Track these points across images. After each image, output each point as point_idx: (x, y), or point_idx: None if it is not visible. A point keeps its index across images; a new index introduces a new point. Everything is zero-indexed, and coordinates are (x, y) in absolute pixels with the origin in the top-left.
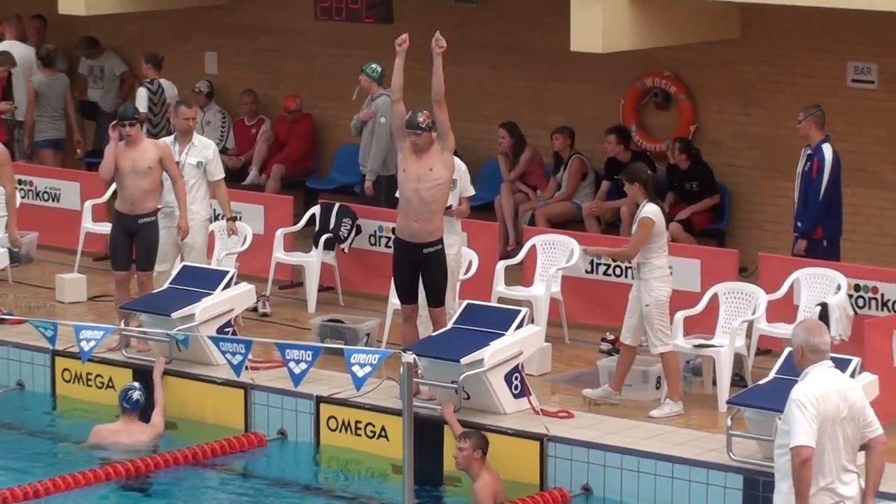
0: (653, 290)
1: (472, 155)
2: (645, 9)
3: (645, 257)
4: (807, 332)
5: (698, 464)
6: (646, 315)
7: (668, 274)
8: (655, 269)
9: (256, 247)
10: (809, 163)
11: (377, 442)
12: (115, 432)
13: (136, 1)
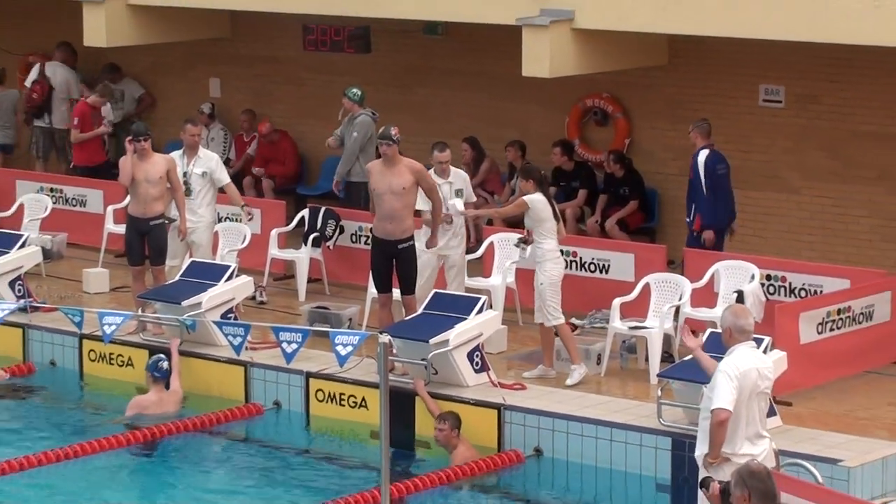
0: (546, 270)
1: None
2: (586, 39)
3: (537, 242)
4: (734, 315)
5: (633, 428)
6: (540, 293)
7: (558, 256)
8: (546, 251)
9: (254, 245)
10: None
11: (358, 411)
12: (152, 402)
13: (150, 34)
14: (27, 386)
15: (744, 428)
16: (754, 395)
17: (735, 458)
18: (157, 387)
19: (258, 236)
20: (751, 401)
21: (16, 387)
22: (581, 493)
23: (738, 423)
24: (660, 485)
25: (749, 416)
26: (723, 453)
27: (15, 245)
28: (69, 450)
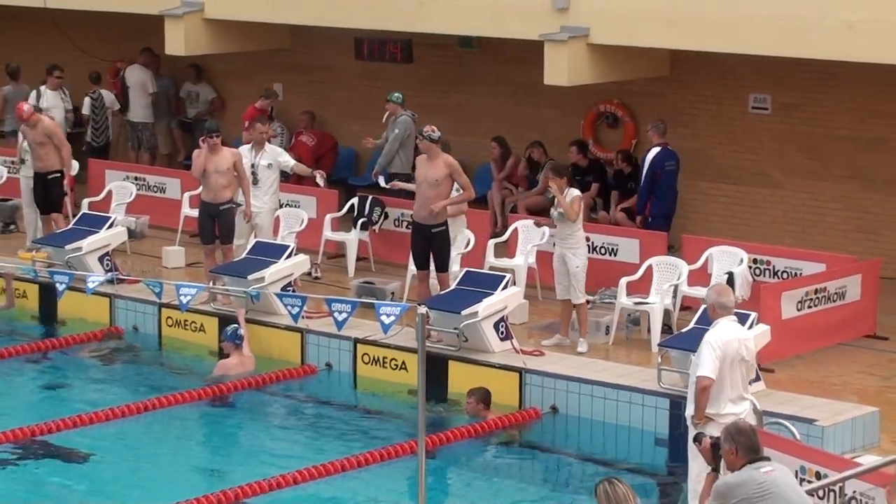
0: (580, 255)
1: (470, 161)
2: (599, 53)
3: (572, 231)
4: (717, 293)
5: (636, 390)
6: (574, 275)
7: (585, 243)
8: (581, 239)
9: (310, 228)
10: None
11: (399, 372)
12: (234, 364)
13: (222, 45)
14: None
15: (728, 391)
16: (736, 362)
17: (719, 417)
18: (237, 352)
19: (314, 220)
20: (733, 367)
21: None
22: (591, 445)
23: (723, 387)
24: (658, 439)
25: (732, 380)
26: (708, 414)
27: (104, 226)
28: (149, 403)
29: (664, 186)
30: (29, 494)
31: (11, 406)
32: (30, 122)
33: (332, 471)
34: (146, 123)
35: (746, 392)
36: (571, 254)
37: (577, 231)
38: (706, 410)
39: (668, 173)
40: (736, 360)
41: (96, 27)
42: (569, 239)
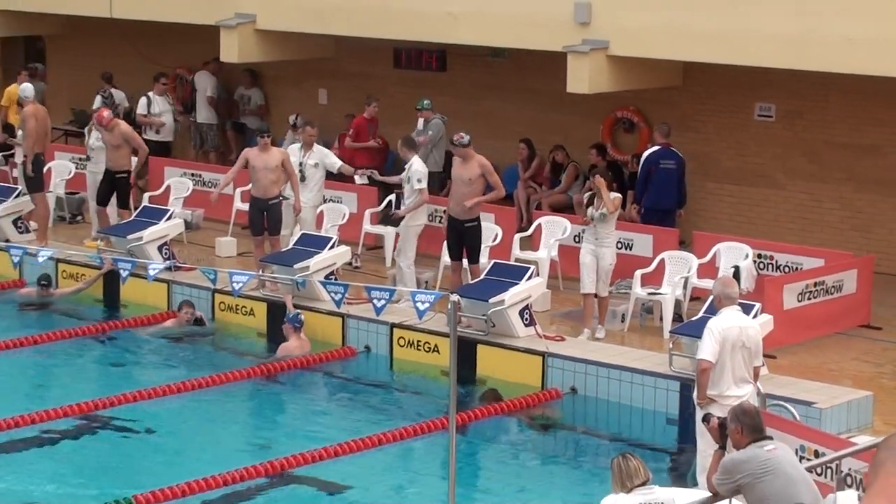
0: (613, 254)
1: (498, 162)
2: (618, 64)
3: (608, 230)
4: (723, 285)
5: (649, 373)
6: (607, 271)
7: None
8: (614, 239)
9: (352, 221)
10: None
11: (431, 355)
12: (295, 346)
13: (272, 53)
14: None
15: (729, 374)
16: (737, 348)
17: (721, 399)
18: (296, 335)
19: (355, 215)
20: (734, 352)
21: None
22: (607, 423)
23: (724, 371)
24: (669, 419)
25: (734, 365)
26: (710, 395)
27: (162, 218)
28: (202, 380)
29: (657, 182)
30: (91, 464)
31: (76, 382)
32: (108, 127)
33: (370, 445)
34: (210, 125)
35: (750, 375)
36: (607, 251)
37: (612, 231)
38: (708, 392)
39: (664, 171)
40: (737, 346)
41: (157, 36)
42: (605, 238)
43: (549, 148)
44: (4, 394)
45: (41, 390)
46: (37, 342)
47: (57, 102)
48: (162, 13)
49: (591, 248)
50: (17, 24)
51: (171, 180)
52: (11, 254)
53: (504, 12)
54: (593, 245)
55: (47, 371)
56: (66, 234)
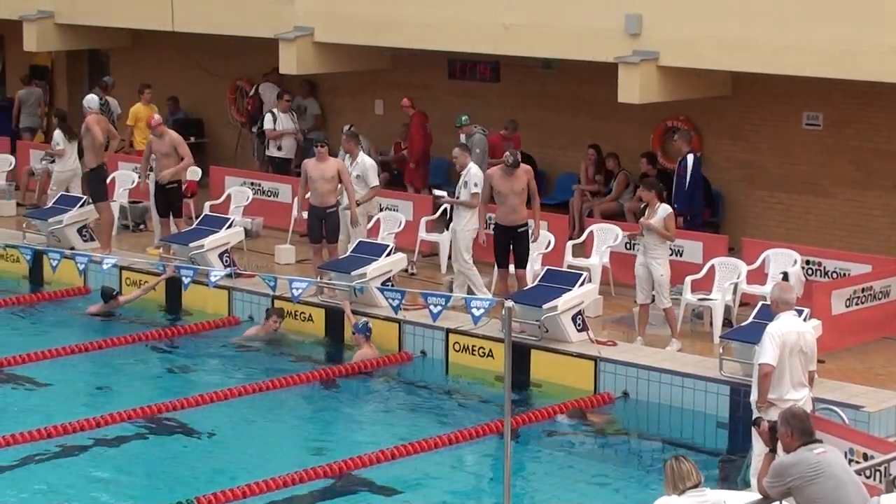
0: (663, 265)
1: (550, 171)
2: (668, 74)
3: (659, 242)
4: (780, 290)
5: (700, 378)
6: (660, 282)
7: (668, 253)
8: (666, 250)
9: (408, 229)
10: (682, 167)
11: (486, 359)
12: (369, 353)
13: (329, 65)
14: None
15: (788, 378)
16: (795, 352)
17: (780, 402)
18: (368, 342)
19: (411, 222)
20: (792, 357)
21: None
22: (658, 426)
23: (783, 375)
24: (720, 422)
25: (791, 369)
26: (770, 399)
27: (223, 226)
28: (263, 384)
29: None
30: (152, 468)
31: (139, 386)
32: (156, 131)
33: (426, 447)
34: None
35: (805, 380)
36: (656, 264)
37: (663, 243)
38: (769, 396)
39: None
40: (794, 350)
41: (218, 48)
42: (655, 249)
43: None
44: (68, 398)
45: (104, 395)
46: (101, 347)
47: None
48: (222, 26)
49: (642, 261)
50: (81, 37)
51: (231, 189)
52: (77, 261)
53: (556, 24)
54: (643, 257)
55: (110, 376)
56: (130, 242)
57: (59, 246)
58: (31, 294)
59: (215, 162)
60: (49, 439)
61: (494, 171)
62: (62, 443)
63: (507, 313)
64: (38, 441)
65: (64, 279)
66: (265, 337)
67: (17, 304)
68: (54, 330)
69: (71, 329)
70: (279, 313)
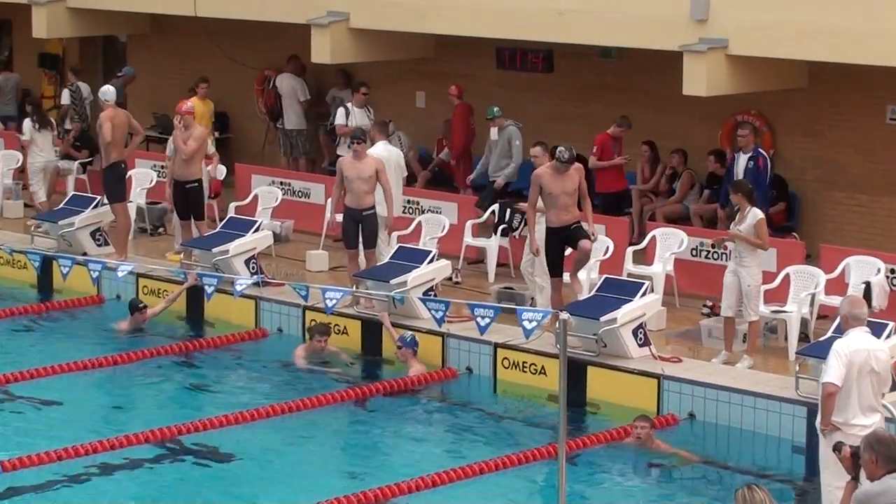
0: (754, 274)
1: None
2: (737, 64)
3: (749, 249)
4: (850, 304)
5: (774, 398)
6: (747, 293)
7: (761, 262)
8: (756, 257)
9: (452, 233)
10: (753, 161)
11: (538, 377)
12: (420, 368)
13: (367, 53)
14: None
15: (855, 401)
16: (864, 372)
17: (846, 427)
18: (415, 357)
19: (455, 226)
20: (861, 377)
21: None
22: (727, 451)
23: (850, 397)
24: (795, 447)
25: (860, 390)
26: (835, 422)
27: (250, 230)
28: (292, 404)
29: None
30: (172, 494)
31: (157, 405)
32: (185, 119)
33: (471, 474)
34: (300, 130)
35: (878, 404)
36: (746, 272)
37: (754, 250)
38: (833, 418)
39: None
40: (864, 370)
41: (244, 35)
42: (745, 257)
43: (665, 153)
44: (82, 418)
45: (119, 414)
46: (115, 363)
47: (138, 107)
48: (250, 11)
49: (733, 268)
50: (96, 23)
51: (258, 189)
52: (90, 268)
53: (615, 9)
54: (734, 264)
55: (125, 394)
56: (148, 246)
57: (71, 251)
58: (39, 304)
59: (241, 159)
60: (58, 463)
61: (544, 171)
62: (72, 467)
63: (562, 326)
64: (47, 465)
65: (75, 287)
66: (311, 358)
67: (24, 314)
68: (64, 343)
69: (83, 342)
70: (323, 331)
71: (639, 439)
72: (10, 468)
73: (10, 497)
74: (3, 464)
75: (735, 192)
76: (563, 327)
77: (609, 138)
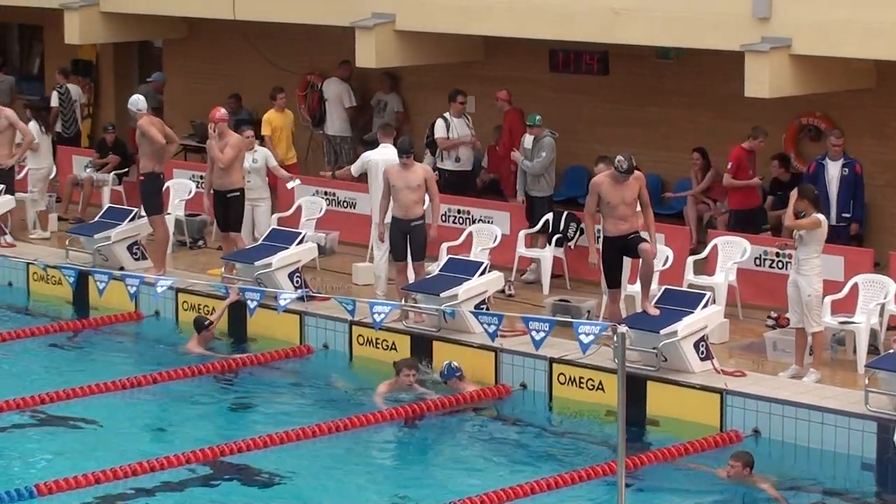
0: (814, 284)
1: (667, 175)
2: (802, 64)
3: (807, 255)
4: None
5: (842, 413)
6: (807, 303)
7: (821, 270)
8: (816, 266)
9: (504, 244)
10: (849, 168)
11: (596, 393)
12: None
13: (413, 57)
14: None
15: None
16: None
17: None
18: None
19: (507, 237)
20: None
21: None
22: (794, 469)
23: None
24: (865, 464)
25: None
26: None
27: (294, 242)
28: (339, 423)
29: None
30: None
31: (198, 426)
32: (219, 126)
33: (525, 493)
34: (344, 137)
35: None
36: (805, 281)
37: (812, 258)
38: None
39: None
40: None
41: (285, 39)
42: (804, 265)
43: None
44: (120, 439)
45: (159, 435)
46: (155, 381)
47: (175, 114)
48: (291, 14)
49: (793, 279)
50: (131, 28)
51: (302, 200)
52: (127, 283)
53: (673, 8)
54: (794, 273)
55: (167, 413)
56: (187, 260)
57: (107, 266)
58: (74, 321)
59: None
60: (95, 486)
61: (603, 179)
62: (111, 490)
63: (621, 340)
64: (85, 488)
65: (112, 304)
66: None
67: (59, 331)
68: (102, 362)
69: (121, 360)
70: (412, 364)
71: (729, 477)
72: (45, 492)
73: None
74: (39, 487)
75: (801, 197)
76: (622, 341)
77: (744, 152)
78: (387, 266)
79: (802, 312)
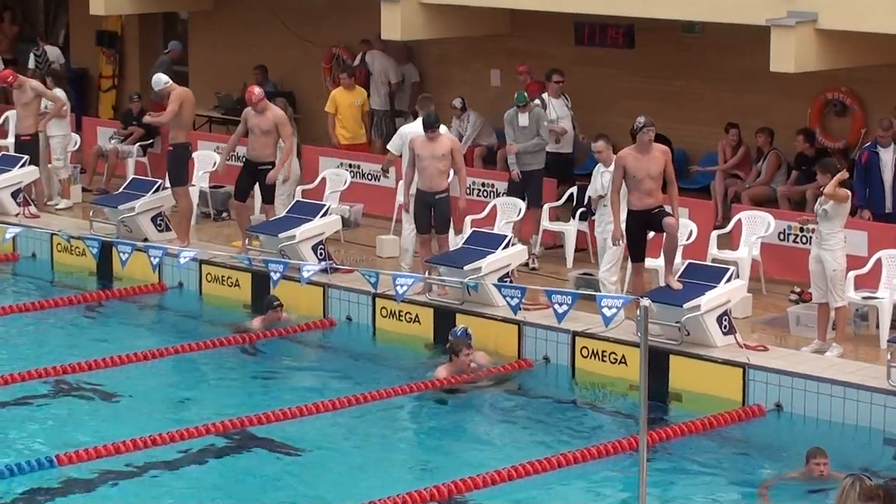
0: (838, 258)
1: (693, 150)
2: (828, 38)
3: (830, 230)
4: None
5: (865, 388)
6: (831, 278)
7: (845, 245)
8: (840, 240)
9: (528, 217)
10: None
11: (618, 366)
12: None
13: (439, 30)
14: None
15: None
16: None
17: None
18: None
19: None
20: None
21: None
22: (816, 443)
23: None
24: (887, 439)
25: None
26: None
27: (318, 214)
28: (361, 396)
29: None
30: (236, 487)
31: (220, 397)
32: (258, 107)
33: (548, 467)
34: (385, 111)
35: None
36: (829, 256)
37: (836, 232)
38: None
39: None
40: None
41: (312, 12)
42: (828, 240)
43: (749, 133)
44: (140, 409)
45: (181, 406)
46: (177, 352)
47: (200, 86)
48: None
49: (815, 254)
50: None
51: (326, 172)
52: (150, 255)
53: None
54: (816, 248)
55: (188, 385)
56: (211, 232)
57: (131, 237)
58: (98, 291)
59: (308, 140)
60: (117, 455)
61: (628, 153)
62: (132, 460)
63: (644, 313)
64: (106, 458)
65: (136, 275)
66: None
67: (82, 302)
68: (125, 332)
69: (144, 331)
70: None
71: (821, 476)
72: (66, 462)
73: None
74: (59, 457)
75: (824, 173)
76: (645, 314)
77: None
78: (414, 239)
79: (825, 287)
